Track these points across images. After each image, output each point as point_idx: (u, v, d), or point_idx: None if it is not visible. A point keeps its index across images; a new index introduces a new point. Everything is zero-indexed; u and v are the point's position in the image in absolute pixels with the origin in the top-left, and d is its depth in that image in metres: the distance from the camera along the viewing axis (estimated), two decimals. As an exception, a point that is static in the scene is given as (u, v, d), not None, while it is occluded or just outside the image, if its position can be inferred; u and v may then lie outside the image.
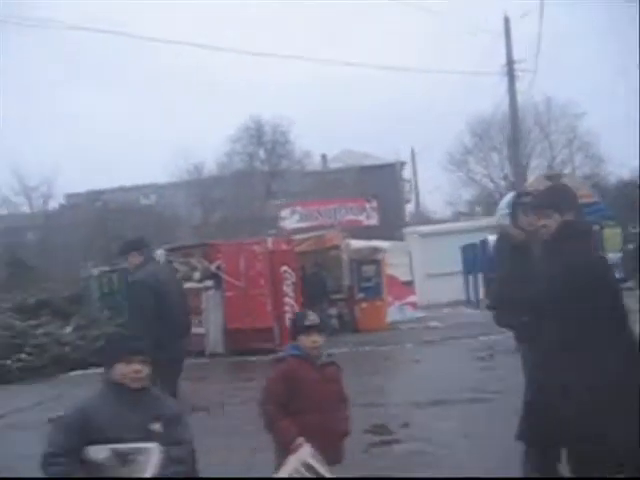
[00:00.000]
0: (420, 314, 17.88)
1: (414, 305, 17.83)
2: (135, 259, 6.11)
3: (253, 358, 13.33)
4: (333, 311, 15.86)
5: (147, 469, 2.71)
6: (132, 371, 2.90)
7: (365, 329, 15.54)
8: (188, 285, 14.67)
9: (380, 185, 35.64)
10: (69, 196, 45.41)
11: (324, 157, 41.31)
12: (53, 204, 40.96)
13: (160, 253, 15.48)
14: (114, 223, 35.71)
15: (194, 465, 3.15)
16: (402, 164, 40.14)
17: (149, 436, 2.80)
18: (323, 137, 56.15)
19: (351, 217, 17.75)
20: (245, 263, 13.52)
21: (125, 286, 15.80)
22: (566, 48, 53.52)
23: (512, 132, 21.51)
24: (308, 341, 3.78)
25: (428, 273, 21.00)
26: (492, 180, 34.91)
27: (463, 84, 46.19)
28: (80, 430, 2.76)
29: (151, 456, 2.74)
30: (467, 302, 19.45)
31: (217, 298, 13.89)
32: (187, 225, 39.96)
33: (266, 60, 67.62)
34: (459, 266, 20.52)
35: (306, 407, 3.72)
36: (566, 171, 30.89)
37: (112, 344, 3.09)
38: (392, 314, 16.73)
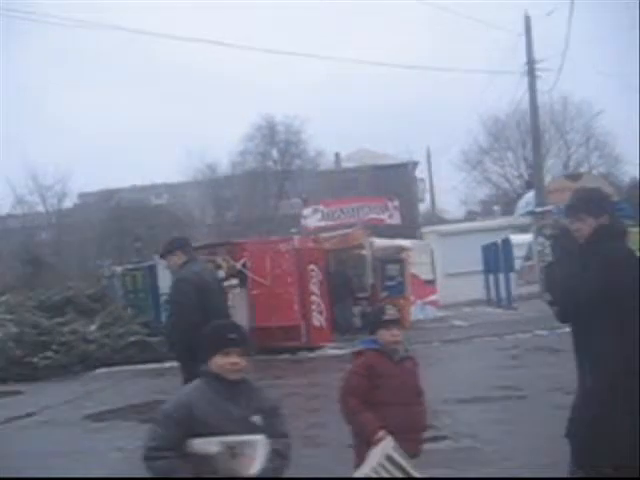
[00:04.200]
0: (441, 313, 17.88)
1: (436, 304, 17.82)
2: (179, 258, 6.10)
3: (280, 356, 13.36)
4: (356, 310, 15.84)
5: (255, 462, 2.70)
6: (229, 363, 2.89)
7: (389, 328, 15.50)
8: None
9: (393, 185, 35.65)
10: (82, 195, 45.51)
11: (337, 156, 41.25)
12: (67, 203, 41.03)
13: (184, 251, 15.52)
14: (127, 222, 35.90)
15: None
16: (415, 164, 40.07)
17: (250, 429, 2.79)
18: (337, 136, 56.03)
19: (373, 216, 17.73)
20: (271, 261, 13.53)
21: (150, 284, 15.89)
22: (581, 47, 53.31)
23: (532, 132, 21.44)
24: (388, 335, 3.79)
25: (447, 272, 20.95)
26: (507, 180, 34.83)
27: (479, 83, 46.20)
28: (183, 423, 2.75)
29: (258, 449, 2.73)
30: (488, 301, 19.43)
31: (243, 296, 13.90)
32: (201, 224, 40.05)
33: (280, 58, 67.55)
34: (478, 265, 20.52)
35: (385, 400, 3.73)
36: (582, 170, 30.83)
37: (209, 336, 3.06)
38: (414, 313, 16.72)
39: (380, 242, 16.31)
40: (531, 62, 20.19)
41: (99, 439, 7.85)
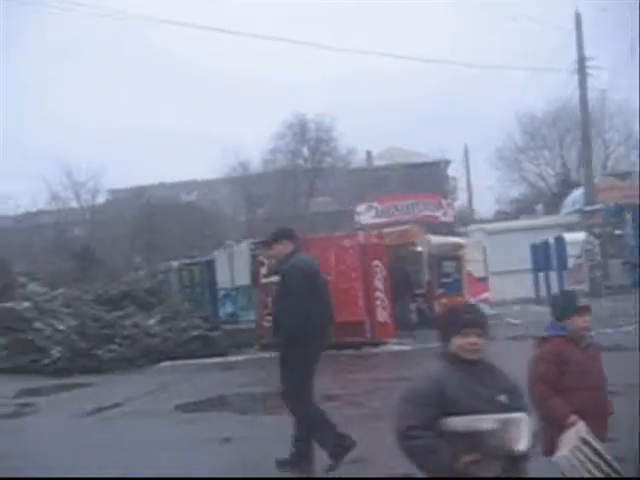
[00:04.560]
0: (493, 311, 17.82)
1: (488, 301, 17.77)
2: (286, 247, 6.13)
3: (345, 352, 13.36)
4: (412, 306, 15.85)
5: (522, 439, 2.74)
6: (468, 343, 2.94)
7: (445, 325, 15.52)
8: (275, 279, 14.81)
9: (425, 183, 35.65)
10: (113, 192, 45.78)
11: (369, 154, 41.27)
12: (100, 199, 41.42)
13: (244, 246, 15.64)
14: (158, 219, 36.20)
15: None
16: (447, 162, 40.02)
17: (498, 408, 2.82)
18: (369, 134, 55.51)
19: (428, 213, 17.74)
20: (335, 257, 13.56)
21: (208, 279, 16.00)
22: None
23: (583, 129, 21.30)
24: (580, 321, 3.84)
25: (492, 270, 20.87)
26: (543, 178, 34.64)
27: (513, 80, 45.65)
28: (436, 402, 2.79)
29: (522, 426, 2.77)
30: (537, 300, 19.35)
31: (305, 292, 13.93)
32: (231, 221, 40.20)
33: (310, 51, 66.61)
34: (523, 263, 20.51)
35: (571, 386, 3.79)
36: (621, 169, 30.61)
37: (448, 318, 3.11)
38: (468, 310, 16.69)
39: (436, 239, 16.31)
40: (582, 60, 20.09)
41: (201, 429, 7.91)
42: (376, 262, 13.52)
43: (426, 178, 37.67)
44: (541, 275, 19.50)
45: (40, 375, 13.02)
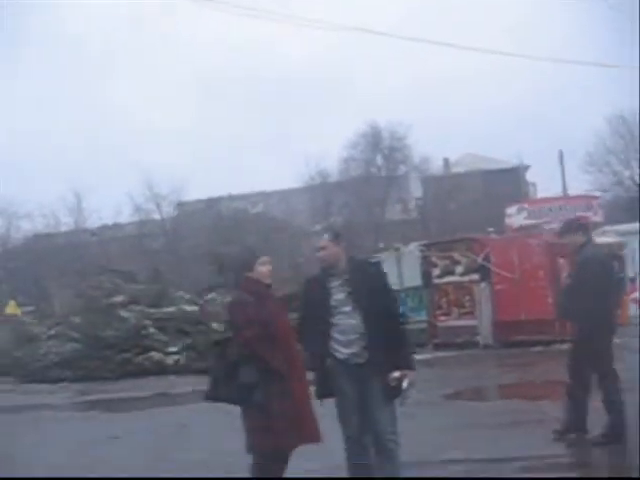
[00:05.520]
0: (640, 311, 17.85)
1: (637, 301, 17.83)
2: (579, 239, 6.49)
3: (534, 349, 13.51)
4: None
5: None
6: None
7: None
8: (450, 279, 15.09)
9: (504, 189, 35.69)
10: (180, 204, 46.36)
11: (447, 161, 41.45)
12: (177, 211, 42.14)
13: (413, 247, 15.91)
14: (231, 230, 36.66)
15: None
16: (526, 168, 40.04)
17: None
18: (446, 140, 54.52)
19: (580, 214, 17.87)
20: (519, 256, 13.78)
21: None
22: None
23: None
24: None
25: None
26: (635, 182, 34.46)
27: (601, 77, 43.78)
28: None
29: None
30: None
31: (487, 291, 14.18)
32: (302, 231, 40.51)
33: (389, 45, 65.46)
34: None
35: None
36: None
37: None
38: (623, 310, 16.76)
39: (597, 239, 16.38)
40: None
41: (491, 415, 8.14)
42: (562, 260, 13.69)
43: (505, 184, 37.71)
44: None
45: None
